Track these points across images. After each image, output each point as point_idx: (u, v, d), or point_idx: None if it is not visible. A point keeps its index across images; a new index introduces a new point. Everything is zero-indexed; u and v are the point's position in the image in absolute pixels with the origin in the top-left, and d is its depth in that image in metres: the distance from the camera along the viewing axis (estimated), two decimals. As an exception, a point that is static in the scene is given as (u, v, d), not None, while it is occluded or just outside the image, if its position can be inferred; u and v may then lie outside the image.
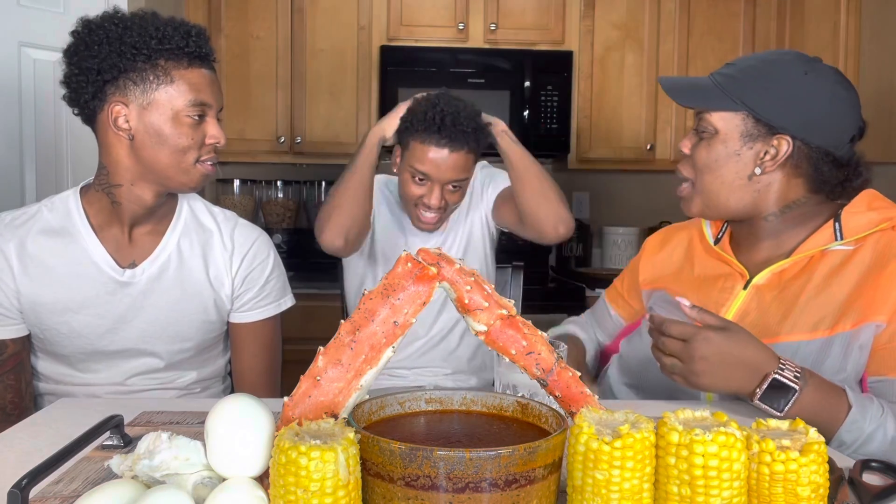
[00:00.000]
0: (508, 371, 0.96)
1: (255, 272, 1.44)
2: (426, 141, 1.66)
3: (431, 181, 1.69)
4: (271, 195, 3.32)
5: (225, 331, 1.48)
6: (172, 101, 1.26)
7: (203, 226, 1.43)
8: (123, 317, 1.35)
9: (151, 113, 1.26)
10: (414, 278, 0.71)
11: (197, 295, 1.39)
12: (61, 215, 1.35)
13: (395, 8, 3.08)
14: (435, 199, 1.70)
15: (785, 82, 1.16)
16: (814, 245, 1.19)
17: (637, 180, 3.53)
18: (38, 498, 0.77)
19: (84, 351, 1.35)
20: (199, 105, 1.27)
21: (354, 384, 0.71)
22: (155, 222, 1.38)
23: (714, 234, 1.34)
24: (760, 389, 1.00)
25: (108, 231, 1.35)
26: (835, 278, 1.15)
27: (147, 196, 1.32)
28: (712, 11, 3.18)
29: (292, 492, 0.61)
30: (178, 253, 1.39)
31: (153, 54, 1.25)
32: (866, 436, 1.03)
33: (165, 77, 1.26)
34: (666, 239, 1.45)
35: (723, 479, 0.65)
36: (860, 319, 1.11)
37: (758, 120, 1.17)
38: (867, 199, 1.22)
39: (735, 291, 1.23)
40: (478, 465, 0.61)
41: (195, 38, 1.27)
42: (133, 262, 1.36)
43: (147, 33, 1.25)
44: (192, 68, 1.27)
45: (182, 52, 1.26)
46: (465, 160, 1.69)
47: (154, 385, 1.40)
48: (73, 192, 1.38)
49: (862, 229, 1.17)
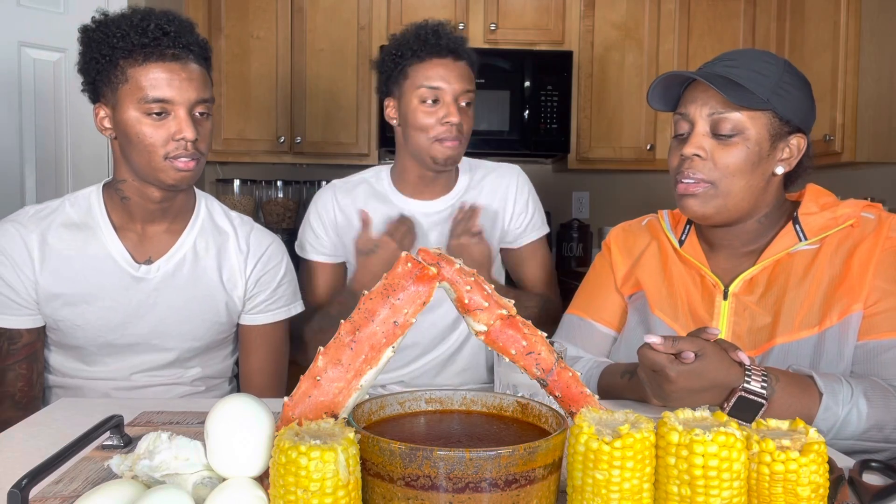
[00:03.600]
0: (508, 371, 0.96)
1: (267, 275, 1.46)
2: (427, 57, 1.59)
3: (444, 97, 1.59)
4: (271, 195, 3.32)
5: (234, 333, 1.49)
6: (131, 100, 1.27)
7: (219, 228, 1.45)
8: (136, 311, 1.37)
9: (119, 114, 1.28)
10: (414, 278, 0.71)
11: (209, 296, 1.41)
12: (83, 210, 1.38)
13: (395, 8, 3.08)
14: (454, 113, 1.58)
15: (787, 79, 1.18)
16: (780, 248, 1.21)
17: (637, 180, 3.53)
18: (38, 498, 0.77)
19: (95, 343, 1.37)
20: (155, 102, 1.26)
21: (354, 384, 0.71)
22: (171, 220, 1.40)
23: (677, 235, 1.33)
24: (728, 404, 1.01)
25: (127, 227, 1.38)
26: (810, 276, 1.18)
27: (152, 192, 1.34)
28: (712, 11, 3.18)
29: (292, 492, 0.61)
30: (193, 252, 1.41)
31: (114, 55, 1.26)
32: (841, 420, 1.04)
33: (123, 76, 1.27)
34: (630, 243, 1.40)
35: (723, 479, 0.65)
36: (844, 310, 1.14)
37: (780, 119, 1.17)
38: (814, 197, 1.25)
39: (717, 304, 1.23)
40: (478, 465, 0.61)
41: (153, 32, 1.26)
42: (149, 259, 1.38)
43: (109, 33, 1.27)
44: (147, 64, 1.26)
45: (138, 49, 1.26)
46: (468, 72, 1.63)
47: (158, 381, 1.42)
48: (96, 189, 1.41)
49: (822, 228, 1.20)
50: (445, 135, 1.59)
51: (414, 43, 1.59)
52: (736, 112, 1.16)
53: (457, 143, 1.60)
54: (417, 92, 1.59)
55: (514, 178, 1.75)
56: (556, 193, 3.50)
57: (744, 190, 1.18)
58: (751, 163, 1.17)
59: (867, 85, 2.60)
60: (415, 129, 1.61)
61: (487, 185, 1.74)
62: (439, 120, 1.58)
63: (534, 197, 1.78)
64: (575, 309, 1.43)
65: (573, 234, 3.41)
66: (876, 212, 1.21)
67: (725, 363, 1.00)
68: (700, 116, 1.18)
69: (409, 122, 1.62)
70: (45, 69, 2.31)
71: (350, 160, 3.13)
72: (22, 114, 2.29)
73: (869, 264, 1.15)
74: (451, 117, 1.57)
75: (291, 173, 3.38)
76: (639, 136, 3.19)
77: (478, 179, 1.74)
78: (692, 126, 1.19)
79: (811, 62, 2.79)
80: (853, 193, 2.63)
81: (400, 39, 1.63)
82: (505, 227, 1.74)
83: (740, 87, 1.15)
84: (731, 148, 1.17)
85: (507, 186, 1.74)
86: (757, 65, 1.18)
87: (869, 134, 2.61)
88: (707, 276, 1.25)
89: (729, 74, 1.16)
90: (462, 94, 1.60)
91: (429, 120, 1.59)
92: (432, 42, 1.58)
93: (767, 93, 1.15)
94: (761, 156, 1.18)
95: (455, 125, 1.58)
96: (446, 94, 1.59)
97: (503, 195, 1.73)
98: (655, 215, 1.40)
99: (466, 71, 1.62)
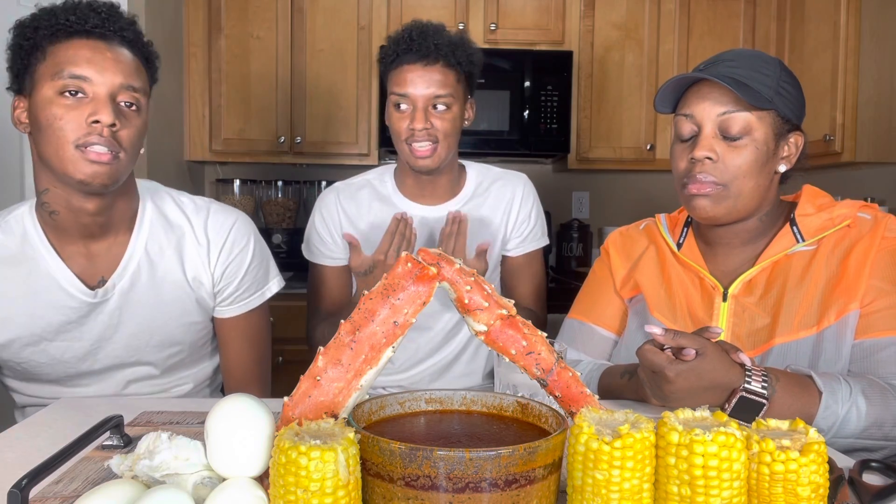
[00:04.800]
0: (508, 371, 0.96)
1: (233, 264, 1.34)
2: (399, 62, 1.58)
3: (412, 103, 1.57)
4: (271, 195, 3.32)
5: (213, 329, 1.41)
6: (46, 78, 1.11)
7: (172, 224, 1.30)
8: (102, 335, 1.27)
9: (34, 98, 1.13)
10: (414, 278, 0.71)
11: (176, 299, 1.30)
12: (18, 238, 1.22)
13: (395, 8, 3.08)
14: (419, 120, 1.56)
15: (785, 77, 1.19)
16: (778, 249, 1.22)
17: (637, 180, 3.53)
18: (38, 498, 0.77)
19: (68, 374, 1.29)
20: (71, 78, 1.10)
21: (354, 384, 0.71)
22: (115, 230, 1.25)
23: (675, 238, 1.33)
24: (729, 405, 1.01)
25: (69, 248, 1.22)
26: (808, 277, 1.19)
27: (80, 202, 1.17)
28: (712, 11, 3.18)
29: (292, 492, 0.61)
30: (147, 259, 1.27)
31: (37, 37, 1.13)
32: (841, 419, 1.04)
33: (41, 55, 1.13)
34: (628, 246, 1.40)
35: (723, 479, 0.65)
36: (842, 310, 1.14)
37: (781, 118, 1.18)
38: (810, 198, 1.26)
39: (716, 305, 1.24)
40: (478, 465, 0.61)
41: (83, 10, 1.13)
42: (102, 279, 1.25)
43: (38, 17, 1.14)
44: (70, 41, 1.12)
45: (63, 28, 1.12)
46: (443, 74, 1.58)
47: (151, 390, 1.37)
48: (29, 209, 1.24)
49: (819, 229, 1.21)
50: (415, 143, 1.58)
51: (393, 46, 1.59)
52: (745, 112, 1.16)
53: (428, 149, 1.59)
54: (391, 97, 1.61)
55: (519, 187, 1.74)
56: (556, 193, 3.50)
57: (753, 190, 1.19)
58: (759, 163, 1.18)
59: (867, 85, 2.60)
60: (392, 133, 1.63)
61: (493, 193, 1.73)
62: (408, 126, 1.58)
63: (538, 207, 1.77)
64: (576, 313, 1.43)
65: (573, 234, 3.40)
66: (872, 212, 1.22)
67: (726, 363, 1.00)
68: (708, 118, 1.17)
69: (390, 127, 1.63)
70: (45, 69, 2.31)
71: (350, 160, 3.13)
72: (22, 114, 2.29)
73: (865, 264, 1.15)
74: (416, 123, 1.56)
75: (291, 173, 3.38)
76: (639, 136, 3.19)
77: (485, 187, 1.73)
78: (699, 128, 1.19)
79: (811, 62, 2.79)
80: (853, 193, 2.64)
81: (388, 42, 1.63)
82: (506, 236, 1.74)
83: (749, 87, 1.15)
84: (740, 150, 1.17)
85: (513, 194, 1.73)
86: (757, 65, 1.18)
87: (869, 134, 2.61)
88: (706, 278, 1.25)
89: (734, 75, 1.16)
90: (433, 98, 1.58)
91: (400, 125, 1.60)
92: (404, 47, 1.57)
93: (771, 92, 1.16)
94: (768, 155, 1.18)
95: (419, 130, 1.57)
96: (415, 100, 1.58)
97: (507, 203, 1.73)
98: (653, 219, 1.41)
99: (441, 74, 1.58)
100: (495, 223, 1.72)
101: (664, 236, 1.34)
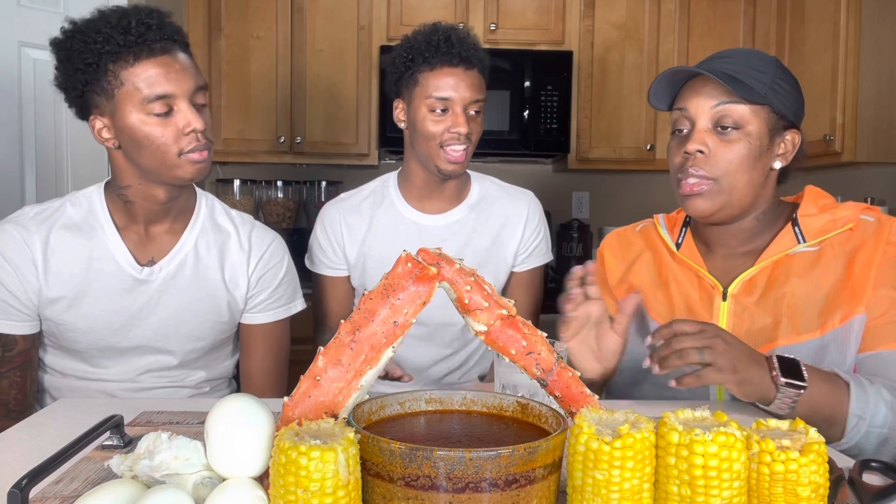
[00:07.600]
0: (508, 371, 0.96)
1: (269, 273, 1.45)
2: (438, 65, 1.58)
3: (453, 107, 1.58)
4: (271, 195, 3.32)
5: (235, 332, 1.48)
6: (131, 104, 1.22)
7: (220, 227, 1.43)
8: (139, 313, 1.35)
9: (120, 120, 1.24)
10: (414, 278, 0.71)
11: (212, 296, 1.40)
12: (84, 211, 1.36)
13: (395, 8, 3.08)
14: (462, 123, 1.57)
15: (781, 75, 1.19)
16: (779, 249, 1.21)
17: (637, 180, 3.53)
18: (38, 498, 0.77)
19: (98, 346, 1.36)
20: (157, 99, 1.22)
21: (354, 384, 0.71)
22: (172, 220, 1.38)
23: (673, 238, 1.33)
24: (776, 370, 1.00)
25: (129, 228, 1.36)
26: (811, 279, 1.18)
27: (158, 193, 1.32)
28: (712, 11, 3.18)
29: (292, 492, 0.61)
30: (195, 252, 1.39)
31: (100, 61, 1.21)
32: (872, 406, 1.04)
33: (116, 81, 1.22)
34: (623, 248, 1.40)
35: (723, 479, 0.65)
36: (847, 314, 1.14)
37: (776, 114, 1.18)
38: (813, 198, 1.25)
39: (716, 305, 1.23)
40: (478, 465, 0.61)
41: (136, 28, 1.21)
42: (152, 260, 1.37)
43: (91, 40, 1.21)
44: (139, 63, 1.22)
45: (125, 50, 1.21)
46: (479, 79, 1.62)
47: (164, 383, 1.41)
48: (98, 189, 1.38)
49: (821, 231, 1.21)
50: (452, 141, 1.59)
51: (426, 49, 1.58)
52: (739, 104, 1.16)
53: (463, 153, 1.60)
54: (427, 101, 1.59)
55: (526, 205, 1.75)
56: (556, 193, 3.50)
57: (746, 185, 1.19)
58: (752, 158, 1.17)
59: (867, 85, 2.60)
60: (423, 136, 1.61)
61: (498, 208, 1.73)
62: (447, 129, 1.59)
63: (544, 224, 1.78)
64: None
65: (573, 234, 3.40)
66: (875, 214, 1.21)
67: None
68: (702, 112, 1.18)
69: (418, 130, 1.62)
70: (45, 69, 2.29)
71: (350, 160, 3.13)
72: (22, 114, 2.29)
73: (871, 269, 1.15)
74: (460, 127, 1.57)
75: (291, 173, 3.38)
76: (639, 136, 3.19)
77: (490, 199, 1.74)
78: (693, 123, 1.20)
79: (811, 62, 2.79)
80: (853, 193, 2.64)
81: (412, 42, 1.62)
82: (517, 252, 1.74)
83: (741, 82, 1.15)
84: (732, 144, 1.17)
85: (520, 212, 1.74)
86: (753, 62, 1.19)
87: (869, 134, 2.61)
88: (705, 277, 1.25)
89: (728, 71, 1.17)
90: (471, 103, 1.60)
91: (437, 128, 1.59)
92: (444, 50, 1.57)
93: (765, 88, 1.16)
94: (762, 150, 1.18)
95: (463, 134, 1.58)
96: (455, 103, 1.58)
97: (515, 220, 1.73)
98: (651, 220, 1.41)
99: (477, 79, 1.61)
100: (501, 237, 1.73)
101: (663, 236, 1.34)
